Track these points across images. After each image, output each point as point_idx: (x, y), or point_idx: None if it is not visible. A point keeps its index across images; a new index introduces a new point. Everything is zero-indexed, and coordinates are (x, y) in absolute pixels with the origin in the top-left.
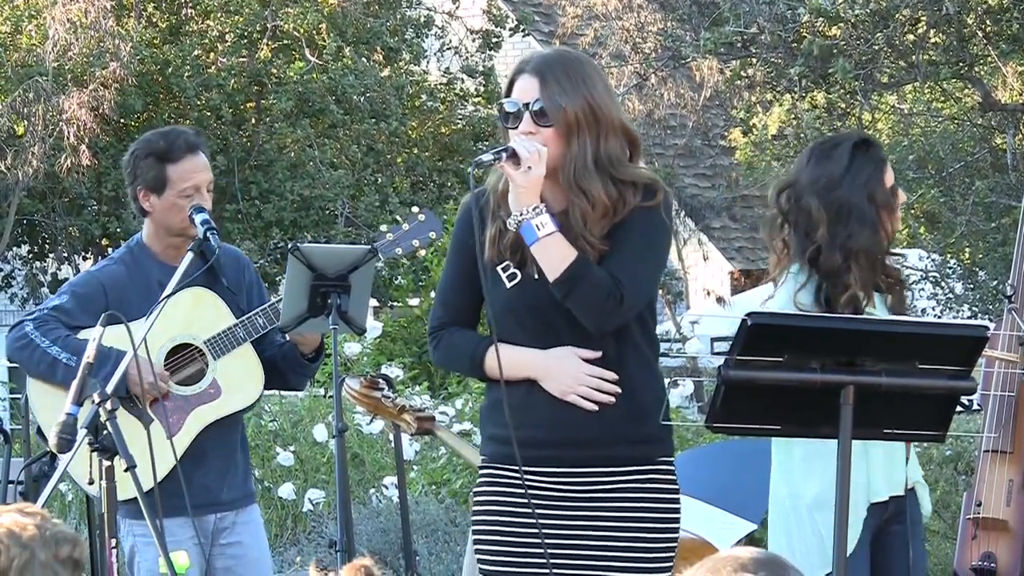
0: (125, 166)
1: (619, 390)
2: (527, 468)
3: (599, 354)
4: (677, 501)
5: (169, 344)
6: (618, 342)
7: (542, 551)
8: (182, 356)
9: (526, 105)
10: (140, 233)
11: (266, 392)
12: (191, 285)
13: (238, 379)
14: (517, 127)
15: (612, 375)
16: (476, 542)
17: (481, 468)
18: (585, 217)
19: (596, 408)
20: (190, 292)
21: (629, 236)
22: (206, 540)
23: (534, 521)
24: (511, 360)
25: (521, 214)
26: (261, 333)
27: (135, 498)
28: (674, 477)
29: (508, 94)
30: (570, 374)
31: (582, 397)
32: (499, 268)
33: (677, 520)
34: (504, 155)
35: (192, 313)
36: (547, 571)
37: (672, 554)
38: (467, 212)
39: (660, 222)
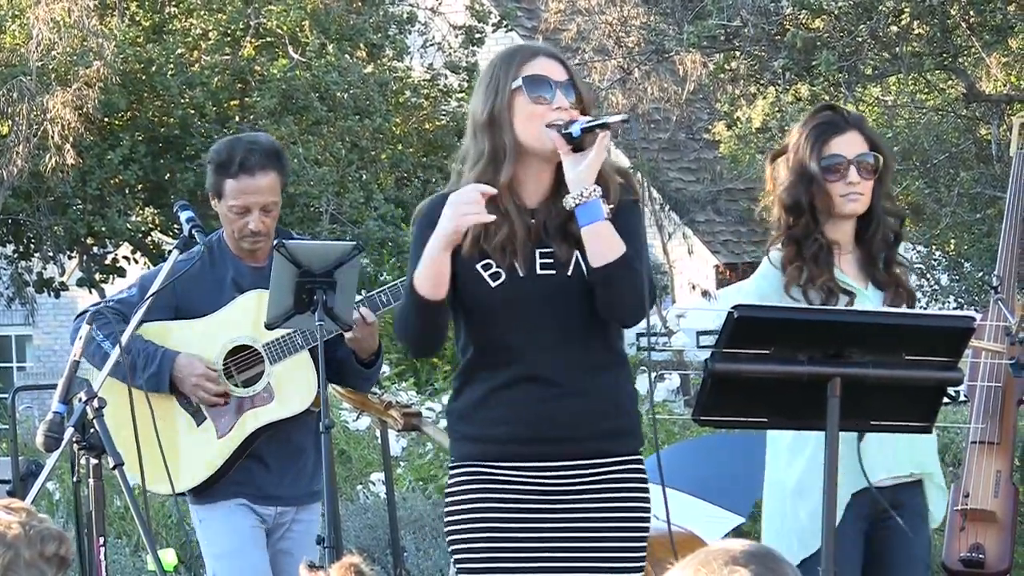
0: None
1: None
2: (512, 464)
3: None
4: (648, 491)
5: (230, 345)
6: (605, 339)
7: (527, 547)
8: (247, 356)
9: (557, 83)
10: (223, 229)
11: None
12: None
13: (289, 387)
14: (551, 99)
15: (485, 189)
16: (457, 541)
17: (455, 468)
18: None
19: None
20: (256, 294)
21: (630, 231)
22: (266, 525)
23: (520, 516)
24: (426, 252)
25: (582, 193)
26: (316, 342)
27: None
28: (644, 467)
29: (524, 68)
30: (450, 214)
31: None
32: (478, 267)
33: (650, 508)
34: (606, 127)
35: (258, 315)
36: (533, 566)
37: (646, 536)
38: (433, 215)
39: (642, 216)
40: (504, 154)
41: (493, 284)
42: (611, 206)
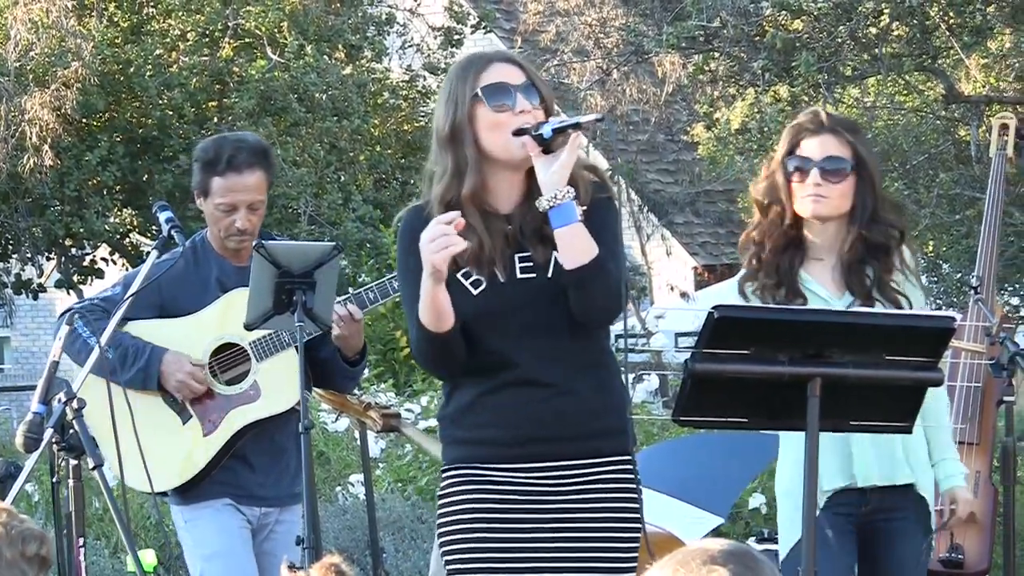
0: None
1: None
2: (503, 466)
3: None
4: (640, 490)
5: (216, 342)
6: (592, 338)
7: (519, 547)
8: (232, 355)
9: (516, 87)
10: (206, 229)
11: None
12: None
13: (277, 384)
14: (513, 105)
15: (447, 218)
16: (449, 543)
17: (447, 471)
18: None
19: None
20: (241, 292)
21: (603, 229)
22: (251, 525)
23: (511, 517)
24: (421, 289)
25: (555, 196)
26: (307, 338)
27: (176, 487)
28: (636, 467)
29: (481, 77)
30: (425, 256)
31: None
32: (459, 276)
33: (642, 508)
34: (578, 127)
35: (243, 314)
36: (525, 567)
37: (638, 536)
38: (413, 229)
39: (617, 213)
40: (466, 166)
41: (475, 292)
42: (583, 207)
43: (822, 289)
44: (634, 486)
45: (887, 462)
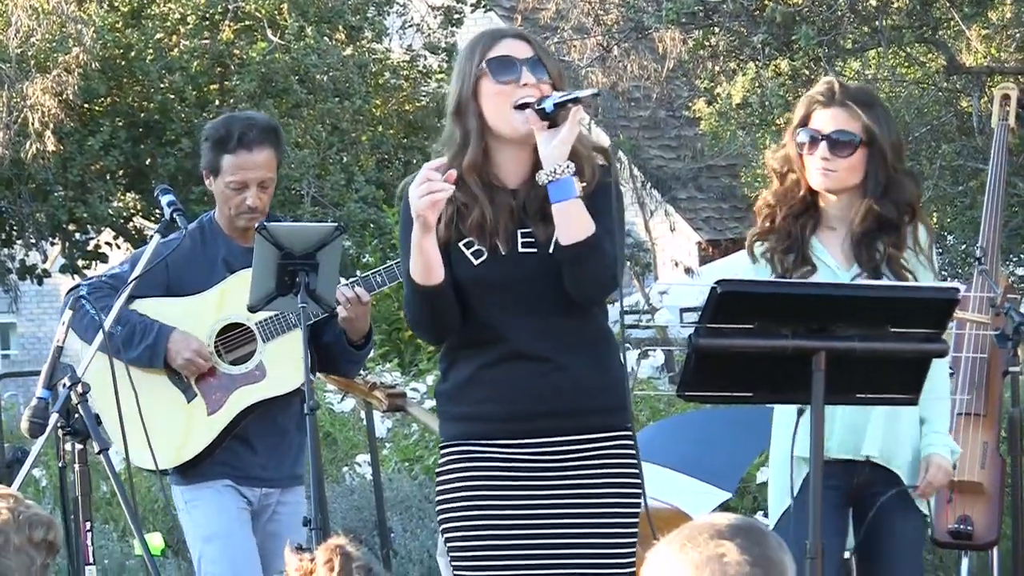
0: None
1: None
2: (500, 442)
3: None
4: (640, 466)
5: (222, 323)
6: (588, 316)
7: (518, 524)
8: (237, 335)
9: (522, 61)
10: (214, 210)
11: None
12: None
13: (283, 364)
14: (518, 79)
15: (434, 165)
16: (448, 520)
17: (445, 448)
18: None
19: None
20: (248, 272)
21: (604, 212)
22: (251, 507)
23: (510, 494)
24: (411, 241)
25: (556, 170)
26: (314, 320)
27: (178, 466)
28: (635, 442)
29: (488, 52)
30: (412, 202)
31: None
32: (461, 245)
33: (642, 483)
34: (577, 101)
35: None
36: (524, 543)
37: (638, 511)
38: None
39: (620, 194)
40: (470, 138)
41: (476, 262)
42: (584, 184)
43: (831, 259)
44: (634, 462)
45: (888, 437)
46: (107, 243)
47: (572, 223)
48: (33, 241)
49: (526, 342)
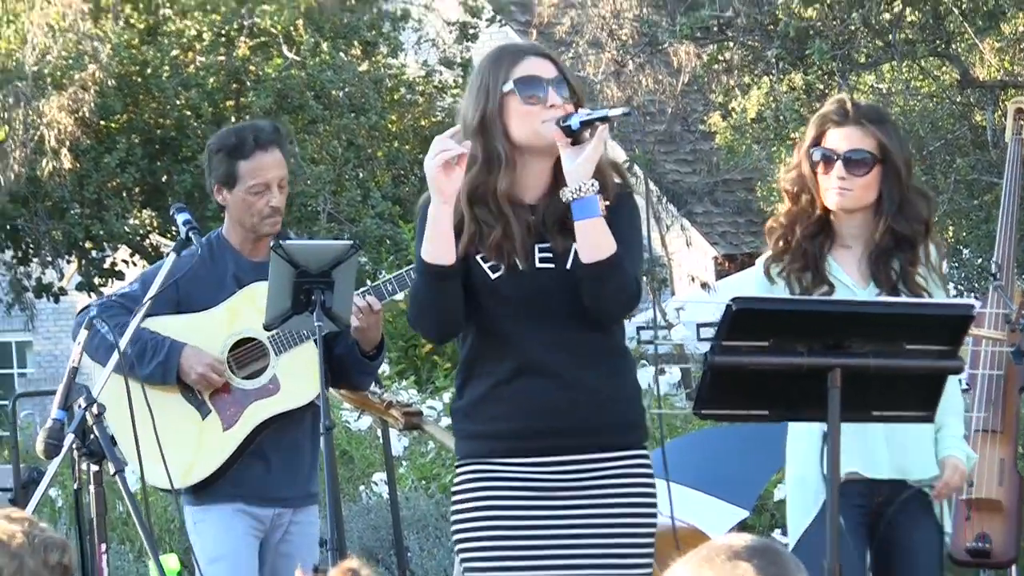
0: (203, 160)
1: (464, 149)
2: (516, 460)
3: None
4: (654, 484)
5: (234, 337)
6: (606, 332)
7: (534, 544)
8: (249, 350)
9: (549, 81)
10: (221, 226)
11: None
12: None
13: (297, 378)
14: (544, 98)
15: (450, 133)
16: (464, 540)
17: (461, 467)
18: None
19: None
20: (259, 286)
21: (623, 227)
22: (263, 528)
23: (525, 513)
24: (428, 216)
25: (580, 188)
26: (323, 334)
27: (190, 486)
28: (650, 461)
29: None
30: (428, 170)
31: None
32: (478, 258)
33: (656, 502)
34: (606, 120)
35: (261, 308)
36: (540, 563)
37: (653, 531)
38: None
39: (637, 208)
40: (499, 160)
41: (492, 276)
42: (607, 202)
43: (847, 278)
44: (649, 480)
45: (903, 455)
46: (123, 260)
47: (594, 242)
48: (49, 259)
49: (542, 357)
